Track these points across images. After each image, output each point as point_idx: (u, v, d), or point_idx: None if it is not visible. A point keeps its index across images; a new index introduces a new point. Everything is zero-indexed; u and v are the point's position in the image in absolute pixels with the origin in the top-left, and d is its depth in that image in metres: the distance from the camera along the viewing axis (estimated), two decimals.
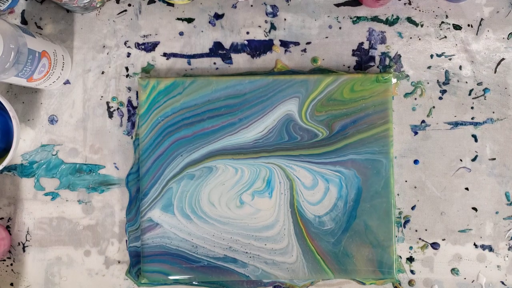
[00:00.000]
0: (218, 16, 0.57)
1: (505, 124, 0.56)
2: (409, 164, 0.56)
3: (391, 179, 0.54)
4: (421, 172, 0.56)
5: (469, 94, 0.56)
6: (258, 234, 0.54)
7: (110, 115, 0.57)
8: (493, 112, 0.56)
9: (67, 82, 0.57)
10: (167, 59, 0.57)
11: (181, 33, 0.57)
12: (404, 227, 0.56)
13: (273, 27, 0.57)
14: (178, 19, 0.57)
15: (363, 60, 0.56)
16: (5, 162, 0.52)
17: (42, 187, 0.57)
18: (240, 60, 0.57)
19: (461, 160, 0.56)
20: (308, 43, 0.57)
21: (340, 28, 0.56)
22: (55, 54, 0.52)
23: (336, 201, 0.54)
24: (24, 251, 0.57)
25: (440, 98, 0.56)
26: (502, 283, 0.55)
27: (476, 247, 0.55)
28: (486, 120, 0.56)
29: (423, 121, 0.56)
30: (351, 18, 0.56)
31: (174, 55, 0.57)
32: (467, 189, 0.56)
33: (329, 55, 0.56)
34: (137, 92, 0.57)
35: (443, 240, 0.56)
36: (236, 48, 0.57)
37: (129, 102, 0.57)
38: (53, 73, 0.53)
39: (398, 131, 0.56)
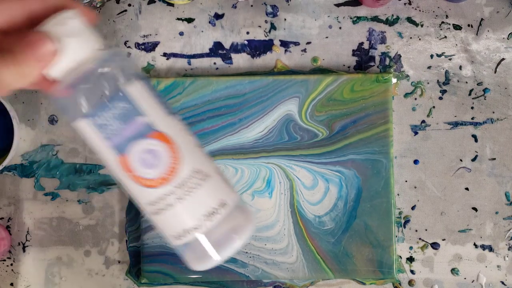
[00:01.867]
0: (218, 16, 0.57)
1: (505, 124, 0.56)
2: (409, 164, 0.56)
3: (391, 179, 0.54)
4: (421, 172, 0.56)
5: (469, 94, 0.56)
6: (258, 234, 0.54)
7: None
8: (493, 112, 0.56)
9: None
10: (167, 59, 0.57)
11: (181, 33, 0.57)
12: (404, 227, 0.56)
13: (273, 27, 0.57)
14: (178, 19, 0.57)
15: (363, 60, 0.56)
16: (5, 162, 0.52)
17: (42, 187, 0.57)
18: (240, 60, 0.57)
19: (461, 160, 0.56)
20: (308, 43, 0.57)
21: (340, 28, 0.56)
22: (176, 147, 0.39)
23: (336, 201, 0.54)
24: (24, 251, 0.57)
25: (440, 98, 0.56)
26: (502, 283, 0.55)
27: (476, 247, 0.55)
28: (486, 120, 0.56)
29: (423, 121, 0.56)
30: (351, 18, 0.56)
31: (174, 55, 0.57)
32: (467, 189, 0.56)
33: (329, 55, 0.56)
34: None
35: (443, 240, 0.56)
36: (236, 48, 0.57)
37: None
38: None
39: (398, 131, 0.56)
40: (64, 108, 0.33)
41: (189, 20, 0.57)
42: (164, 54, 0.57)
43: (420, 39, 0.56)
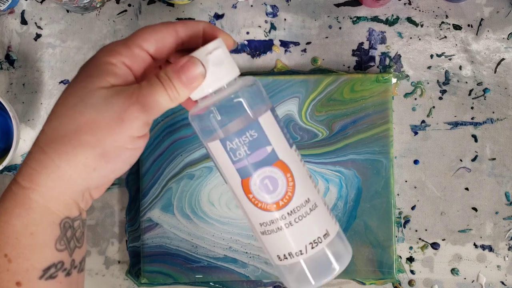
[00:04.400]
0: (218, 16, 0.57)
1: (505, 124, 0.56)
2: (409, 164, 0.56)
3: (391, 179, 0.54)
4: (421, 172, 0.56)
5: (469, 94, 0.56)
6: None
7: None
8: (493, 112, 0.56)
9: (67, 82, 0.57)
10: None
11: None
12: (404, 227, 0.56)
13: (273, 27, 0.57)
14: (178, 19, 0.57)
15: (363, 60, 0.56)
16: (5, 162, 0.52)
17: None
18: (240, 60, 0.57)
19: (461, 160, 0.56)
20: (308, 43, 0.57)
21: (340, 28, 0.56)
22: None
23: (336, 201, 0.54)
24: None
25: (440, 98, 0.56)
26: (502, 283, 0.55)
27: (476, 247, 0.55)
28: (486, 120, 0.56)
29: (423, 121, 0.56)
30: (351, 18, 0.56)
31: None
32: (467, 189, 0.56)
33: (329, 55, 0.56)
34: None
35: (443, 240, 0.56)
36: (236, 48, 0.57)
37: None
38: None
39: (398, 131, 0.56)
40: (199, 128, 0.36)
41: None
42: None
43: (420, 39, 0.56)
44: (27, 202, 0.34)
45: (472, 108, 0.56)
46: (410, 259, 0.56)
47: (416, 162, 0.56)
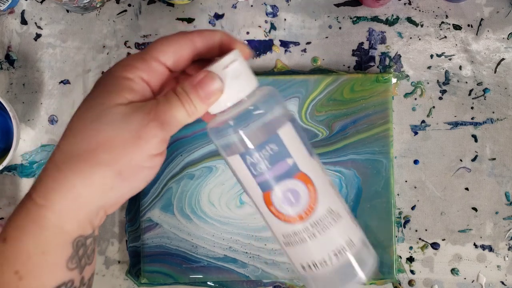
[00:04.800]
0: (218, 16, 0.57)
1: (505, 124, 0.56)
2: (409, 164, 0.56)
3: (391, 179, 0.54)
4: (421, 172, 0.56)
5: (469, 94, 0.56)
6: (258, 234, 0.54)
7: None
8: (493, 112, 0.56)
9: (67, 82, 0.57)
10: None
11: None
12: (404, 227, 0.56)
13: (273, 27, 0.57)
14: (178, 19, 0.57)
15: (363, 60, 0.56)
16: (5, 162, 0.52)
17: None
18: None
19: (461, 160, 0.56)
20: (308, 43, 0.57)
21: (340, 28, 0.56)
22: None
23: None
24: None
25: (440, 98, 0.56)
26: (502, 283, 0.55)
27: (476, 247, 0.55)
28: (486, 120, 0.56)
29: (423, 121, 0.56)
30: (351, 18, 0.56)
31: None
32: (467, 189, 0.56)
33: (329, 55, 0.56)
34: None
35: (443, 240, 0.56)
36: None
37: None
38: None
39: (398, 131, 0.56)
40: (217, 142, 0.36)
41: (189, 20, 0.57)
42: None
43: (420, 39, 0.56)
44: (40, 220, 0.33)
45: (472, 108, 0.56)
46: (410, 259, 0.56)
47: (416, 162, 0.56)
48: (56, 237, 0.33)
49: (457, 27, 0.56)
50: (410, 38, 0.56)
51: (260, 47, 0.57)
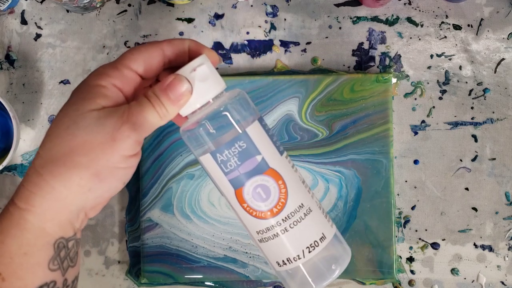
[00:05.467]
0: (218, 16, 0.57)
1: (505, 124, 0.56)
2: (409, 164, 0.56)
3: (391, 179, 0.54)
4: (421, 172, 0.56)
5: (469, 94, 0.56)
6: None
7: None
8: (493, 112, 0.56)
9: (67, 82, 0.57)
10: None
11: (181, 33, 0.57)
12: (404, 227, 0.56)
13: (273, 27, 0.57)
14: (178, 19, 0.57)
15: (363, 60, 0.56)
16: (5, 162, 0.52)
17: None
18: (240, 60, 0.57)
19: (461, 160, 0.56)
20: (308, 43, 0.57)
21: (340, 28, 0.56)
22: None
23: (336, 201, 0.54)
24: None
25: (440, 98, 0.56)
26: (502, 283, 0.55)
27: (476, 247, 0.55)
28: (486, 120, 0.56)
29: (423, 121, 0.56)
30: (351, 18, 0.56)
31: None
32: (467, 189, 0.56)
33: (329, 55, 0.56)
34: None
35: (443, 240, 0.56)
36: (236, 48, 0.57)
37: None
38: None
39: (398, 131, 0.56)
40: (189, 143, 0.37)
41: (189, 20, 0.57)
42: None
43: (420, 39, 0.56)
44: (22, 223, 0.34)
45: (472, 108, 0.56)
46: (410, 259, 0.56)
47: (416, 162, 0.56)
48: (37, 239, 0.34)
49: (457, 27, 0.56)
50: (410, 38, 0.56)
51: (260, 47, 0.57)
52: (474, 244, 0.55)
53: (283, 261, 0.38)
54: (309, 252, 0.37)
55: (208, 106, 0.36)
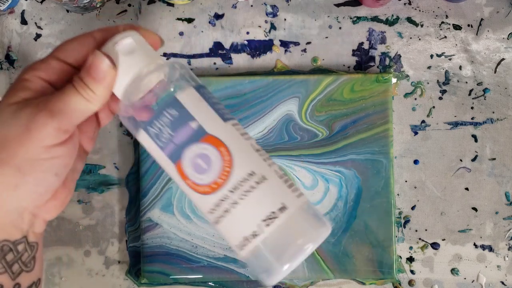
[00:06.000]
0: (218, 16, 0.57)
1: (505, 124, 0.56)
2: (409, 164, 0.56)
3: (391, 179, 0.54)
4: (421, 172, 0.56)
5: (469, 94, 0.56)
6: None
7: None
8: (493, 112, 0.56)
9: None
10: (167, 59, 0.57)
11: (181, 33, 0.57)
12: (404, 227, 0.56)
13: (273, 27, 0.57)
14: (178, 19, 0.57)
15: (363, 60, 0.56)
16: None
17: None
18: (240, 60, 0.57)
19: (461, 160, 0.56)
20: (308, 43, 0.57)
21: (340, 28, 0.56)
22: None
23: (336, 201, 0.54)
24: None
25: (440, 98, 0.56)
26: (502, 283, 0.55)
27: (476, 247, 0.55)
28: (486, 120, 0.56)
29: (423, 121, 0.56)
30: (351, 18, 0.56)
31: (174, 55, 0.57)
32: (467, 189, 0.56)
33: (329, 55, 0.56)
34: None
35: (443, 240, 0.56)
36: (236, 48, 0.57)
37: None
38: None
39: (398, 131, 0.56)
40: (127, 125, 0.35)
41: (189, 20, 0.57)
42: (164, 54, 0.57)
43: (420, 39, 0.56)
44: None
45: (472, 108, 0.56)
46: (410, 259, 0.56)
47: (416, 162, 0.56)
48: None
49: (457, 27, 0.56)
50: (410, 38, 0.56)
51: (260, 47, 0.57)
52: (474, 244, 0.55)
53: (241, 241, 0.32)
54: (267, 225, 0.32)
55: (137, 81, 0.33)
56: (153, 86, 0.33)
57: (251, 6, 0.57)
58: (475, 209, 0.56)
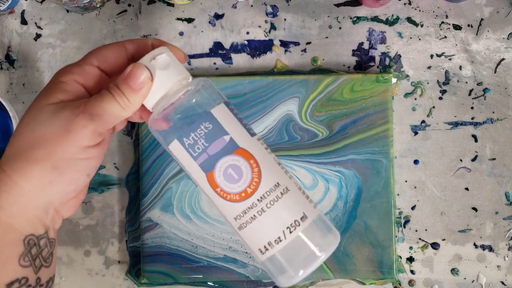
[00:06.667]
0: (218, 16, 0.57)
1: (505, 124, 0.56)
2: (409, 164, 0.56)
3: (391, 179, 0.54)
4: (421, 172, 0.56)
5: (469, 94, 0.56)
6: None
7: None
8: (493, 112, 0.56)
9: None
10: None
11: (181, 33, 0.57)
12: (404, 227, 0.56)
13: (273, 27, 0.57)
14: (178, 19, 0.57)
15: (363, 60, 0.56)
16: None
17: None
18: (240, 60, 0.57)
19: (461, 160, 0.56)
20: (308, 43, 0.57)
21: (340, 28, 0.56)
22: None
23: (336, 201, 0.54)
24: None
25: (440, 98, 0.56)
26: (502, 283, 0.55)
27: (476, 247, 0.55)
28: (486, 120, 0.56)
29: (423, 121, 0.56)
30: (351, 18, 0.56)
31: None
32: (467, 189, 0.56)
33: (329, 55, 0.56)
34: None
35: (443, 240, 0.56)
36: (236, 48, 0.57)
37: None
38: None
39: (398, 131, 0.56)
40: (158, 135, 0.37)
41: (189, 20, 0.57)
42: None
43: (420, 39, 0.56)
44: None
45: (472, 108, 0.56)
46: (410, 259, 0.56)
47: (416, 162, 0.56)
48: (6, 234, 0.35)
49: (457, 27, 0.56)
50: (410, 38, 0.56)
51: (260, 47, 0.57)
52: (474, 244, 0.55)
53: (264, 246, 0.36)
54: (290, 232, 0.35)
55: (172, 95, 0.36)
56: (187, 100, 0.36)
57: (251, 6, 0.57)
58: (475, 209, 0.56)
